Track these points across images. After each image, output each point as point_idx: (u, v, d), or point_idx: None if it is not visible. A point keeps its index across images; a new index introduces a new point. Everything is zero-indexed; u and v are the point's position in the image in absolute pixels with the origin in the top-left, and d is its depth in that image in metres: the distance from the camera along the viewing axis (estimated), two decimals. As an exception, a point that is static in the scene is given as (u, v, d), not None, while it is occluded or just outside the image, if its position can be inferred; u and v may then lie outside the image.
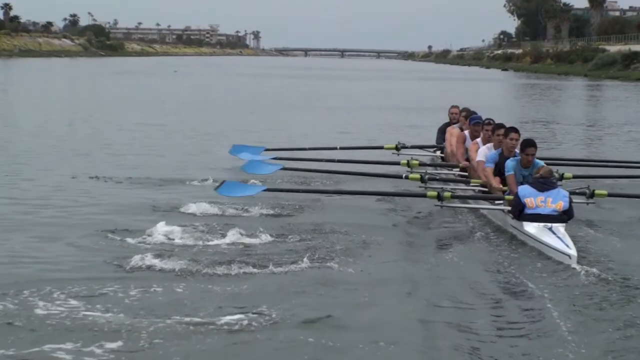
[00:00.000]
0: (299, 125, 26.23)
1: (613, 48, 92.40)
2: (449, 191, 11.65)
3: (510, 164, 11.42)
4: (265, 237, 10.10)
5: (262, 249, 9.70)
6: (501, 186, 11.64)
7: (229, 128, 25.08)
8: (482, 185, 12.35)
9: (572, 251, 9.46)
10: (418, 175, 12.73)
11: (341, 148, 16.99)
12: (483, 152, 12.49)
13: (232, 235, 10.07)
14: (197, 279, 8.45)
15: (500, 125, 12.57)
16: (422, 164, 14.74)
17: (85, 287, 8.01)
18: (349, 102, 39.93)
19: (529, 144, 11.48)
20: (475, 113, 14.66)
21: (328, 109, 34.58)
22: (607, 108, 41.03)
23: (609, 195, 11.94)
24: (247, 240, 10.00)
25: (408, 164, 14.49)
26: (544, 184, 10.55)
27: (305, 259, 9.10)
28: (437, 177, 13.45)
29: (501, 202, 11.31)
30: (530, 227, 10.31)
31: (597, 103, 46.64)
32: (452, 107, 16.43)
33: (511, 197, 10.91)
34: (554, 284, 8.66)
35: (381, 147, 16.81)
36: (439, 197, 11.28)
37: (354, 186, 13.63)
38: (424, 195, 11.61)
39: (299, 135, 22.51)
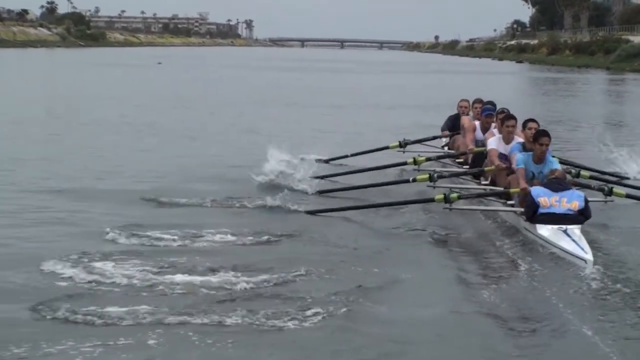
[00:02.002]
0: (297, 127, 25.45)
1: (637, 38, 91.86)
2: (456, 192, 11.84)
3: (520, 157, 11.60)
4: (250, 272, 8.91)
5: (249, 289, 8.44)
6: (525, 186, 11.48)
7: (211, 129, 24.40)
8: (492, 183, 12.79)
9: (588, 255, 9.55)
10: (426, 175, 13.01)
11: (352, 155, 17.48)
12: (494, 142, 12.99)
13: (209, 269, 8.92)
14: (169, 329, 7.30)
15: (511, 116, 13.10)
16: (429, 159, 15.18)
17: (29, 344, 6.87)
18: (353, 99, 39.26)
19: (542, 133, 11.61)
20: (490, 103, 15.17)
21: (332, 107, 33.96)
22: (635, 105, 40.20)
23: (627, 196, 12.31)
24: (226, 275, 8.76)
25: (415, 162, 14.93)
26: (559, 184, 10.74)
27: (304, 304, 7.98)
28: (447, 174, 13.59)
29: (513, 202, 11.60)
30: (544, 230, 10.42)
31: (623, 99, 46.04)
32: (462, 100, 17.00)
33: (518, 189, 11.18)
34: (569, 290, 8.67)
35: (386, 147, 17.23)
36: (446, 200, 11.47)
37: (366, 197, 13.45)
38: (432, 200, 11.86)
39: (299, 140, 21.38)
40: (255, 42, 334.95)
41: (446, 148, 16.94)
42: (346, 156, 17.44)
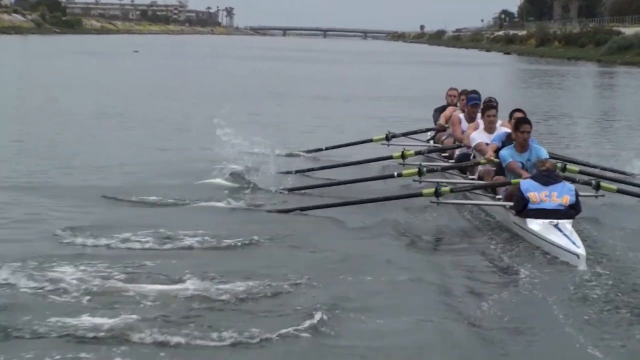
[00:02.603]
0: (278, 119, 25.11)
1: (629, 30, 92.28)
2: (446, 185, 11.72)
3: (505, 152, 11.65)
4: (224, 279, 8.40)
5: (225, 299, 7.95)
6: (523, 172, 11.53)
7: (185, 121, 24.12)
8: (479, 178, 12.75)
9: (581, 250, 9.56)
10: (415, 170, 12.73)
11: (327, 148, 17.01)
12: (478, 136, 13.10)
13: (180, 276, 8.40)
14: (136, 345, 6.83)
15: (491, 106, 13.31)
16: (418, 153, 14.97)
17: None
18: (337, 90, 39.00)
19: (523, 120, 11.71)
20: (474, 92, 15.23)
21: (314, 98, 33.76)
22: (627, 99, 40.14)
23: (618, 191, 12.22)
24: (199, 283, 8.25)
25: (402, 156, 14.49)
26: (549, 177, 10.67)
27: (283, 314, 7.59)
28: (436, 169, 13.63)
29: (500, 197, 11.58)
30: (535, 224, 10.40)
31: (613, 93, 45.99)
32: (451, 89, 17.01)
33: (518, 180, 10.99)
34: (561, 285, 8.68)
35: (370, 140, 16.84)
36: (437, 193, 11.31)
37: (345, 193, 13.05)
38: (419, 195, 11.61)
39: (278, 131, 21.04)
40: (236, 30, 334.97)
41: (431, 142, 16.74)
42: (320, 149, 17.06)
